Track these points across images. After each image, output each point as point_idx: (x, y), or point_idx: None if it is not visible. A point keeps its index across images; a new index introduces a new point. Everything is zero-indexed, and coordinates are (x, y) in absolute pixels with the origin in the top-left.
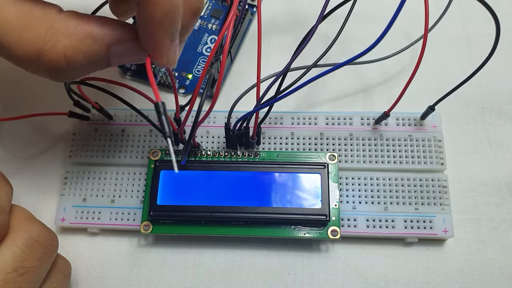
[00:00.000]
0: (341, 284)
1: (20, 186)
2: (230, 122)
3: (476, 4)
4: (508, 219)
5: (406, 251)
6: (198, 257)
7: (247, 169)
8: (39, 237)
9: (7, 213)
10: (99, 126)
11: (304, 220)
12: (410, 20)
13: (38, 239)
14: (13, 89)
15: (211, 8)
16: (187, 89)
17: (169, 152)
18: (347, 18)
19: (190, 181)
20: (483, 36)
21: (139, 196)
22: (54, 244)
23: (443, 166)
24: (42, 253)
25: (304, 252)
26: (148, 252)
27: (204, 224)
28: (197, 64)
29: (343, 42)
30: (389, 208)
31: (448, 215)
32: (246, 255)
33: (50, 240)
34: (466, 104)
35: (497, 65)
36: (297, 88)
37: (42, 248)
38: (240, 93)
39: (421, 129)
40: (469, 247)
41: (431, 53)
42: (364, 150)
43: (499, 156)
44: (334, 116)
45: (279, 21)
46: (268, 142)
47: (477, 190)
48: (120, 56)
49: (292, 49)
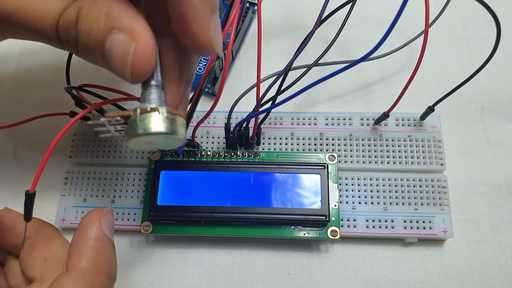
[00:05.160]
0: (341, 284)
1: (20, 186)
2: (230, 123)
3: (476, 4)
4: (507, 219)
5: (405, 251)
6: (198, 257)
7: (247, 169)
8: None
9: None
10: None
11: (304, 220)
12: (408, 18)
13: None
14: (14, 89)
15: None
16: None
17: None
18: (345, 20)
19: (190, 181)
20: (483, 36)
21: (139, 196)
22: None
23: (442, 167)
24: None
25: (304, 252)
26: (148, 252)
27: (204, 224)
28: (198, 62)
29: (342, 44)
30: (388, 209)
31: (448, 215)
32: (246, 255)
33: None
34: (466, 105)
35: (497, 65)
36: (298, 93)
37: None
38: (240, 93)
39: (421, 130)
40: (469, 247)
41: (431, 53)
42: (363, 151)
43: (499, 156)
44: (334, 116)
45: (279, 23)
46: (268, 142)
47: (477, 191)
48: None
49: (292, 51)
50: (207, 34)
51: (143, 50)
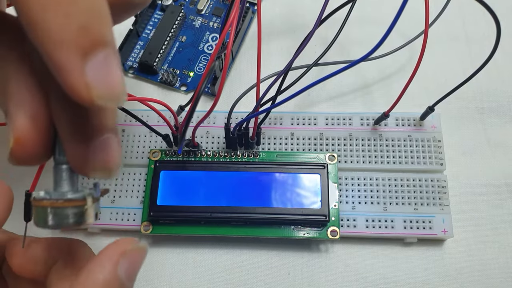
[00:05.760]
0: (341, 284)
1: (20, 187)
2: (230, 123)
3: (476, 4)
4: (507, 219)
5: (405, 251)
6: (198, 257)
7: (247, 169)
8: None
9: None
10: None
11: (304, 220)
12: (408, 18)
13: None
14: None
15: (212, 6)
16: (189, 87)
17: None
18: (345, 20)
19: (190, 181)
20: (483, 36)
21: (139, 196)
22: None
23: (442, 167)
24: None
25: (304, 252)
26: (148, 252)
27: (204, 224)
28: (198, 62)
29: (342, 44)
30: (388, 208)
31: (448, 215)
32: (246, 255)
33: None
34: (465, 105)
35: (497, 65)
36: (298, 93)
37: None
38: (240, 93)
39: (421, 130)
40: (469, 247)
41: (431, 53)
42: (363, 151)
43: (499, 156)
44: (334, 116)
45: (279, 23)
46: (268, 142)
47: (477, 191)
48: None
49: (292, 51)
50: (80, 81)
51: (19, 145)
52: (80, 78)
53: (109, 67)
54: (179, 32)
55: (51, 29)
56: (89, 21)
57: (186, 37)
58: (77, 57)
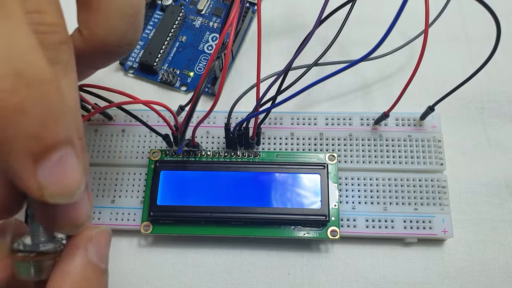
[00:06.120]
0: (341, 284)
1: None
2: (230, 123)
3: (476, 4)
4: (507, 219)
5: (405, 251)
6: (198, 257)
7: (247, 169)
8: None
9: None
10: (99, 127)
11: (304, 220)
12: (408, 18)
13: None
14: None
15: (212, 6)
16: (189, 86)
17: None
18: (345, 20)
19: (190, 181)
20: (483, 36)
21: (139, 196)
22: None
23: (442, 167)
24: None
25: (304, 252)
26: (148, 252)
27: (204, 224)
28: (198, 62)
29: (342, 44)
30: (388, 208)
31: (448, 215)
32: (246, 255)
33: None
34: (465, 105)
35: (497, 65)
36: (298, 93)
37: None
38: (240, 93)
39: (421, 130)
40: (469, 247)
41: (431, 53)
42: (363, 151)
43: (499, 156)
44: (334, 116)
45: (279, 23)
46: (268, 142)
47: (477, 191)
48: None
49: (292, 51)
50: (33, 183)
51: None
52: (32, 180)
53: (64, 167)
54: (179, 32)
55: (1, 141)
56: (41, 129)
57: (186, 37)
58: (28, 163)
